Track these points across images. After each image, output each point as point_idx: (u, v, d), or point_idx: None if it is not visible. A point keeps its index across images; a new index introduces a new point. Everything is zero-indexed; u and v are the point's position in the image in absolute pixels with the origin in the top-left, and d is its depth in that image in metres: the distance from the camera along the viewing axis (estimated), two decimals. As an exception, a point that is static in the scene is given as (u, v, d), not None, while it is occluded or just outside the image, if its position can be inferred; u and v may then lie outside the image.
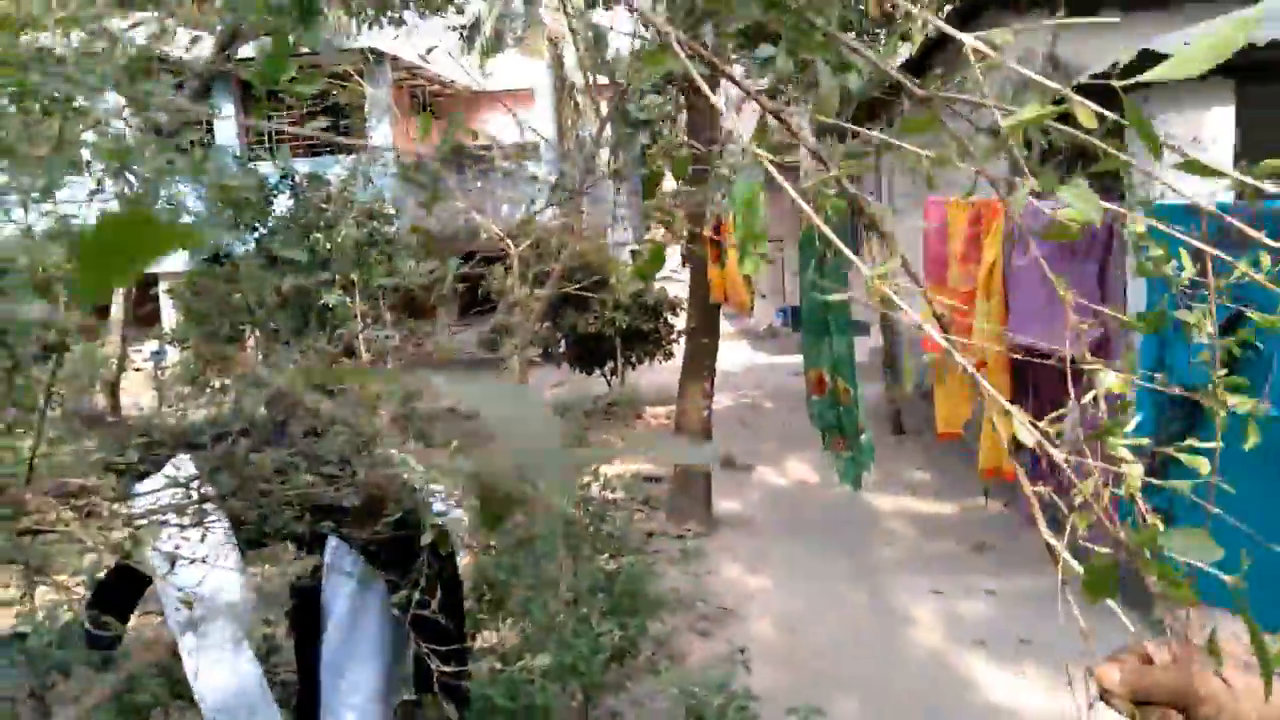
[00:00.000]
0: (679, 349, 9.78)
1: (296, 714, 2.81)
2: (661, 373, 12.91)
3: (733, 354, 16.42)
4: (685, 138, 6.96)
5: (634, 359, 11.39)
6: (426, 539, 1.70)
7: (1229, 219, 0.82)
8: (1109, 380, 0.89)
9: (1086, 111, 0.63)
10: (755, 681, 3.06)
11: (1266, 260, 1.01)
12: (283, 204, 8.67)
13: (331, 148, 13.73)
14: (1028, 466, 2.83)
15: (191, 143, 1.60)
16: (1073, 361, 2.87)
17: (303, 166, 10.01)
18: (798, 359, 16.88)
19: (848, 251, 0.94)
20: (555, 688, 2.95)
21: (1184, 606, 0.74)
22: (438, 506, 1.81)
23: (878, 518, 6.73)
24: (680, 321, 10.86)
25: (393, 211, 9.91)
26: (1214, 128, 3.91)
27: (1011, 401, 2.57)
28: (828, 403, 4.43)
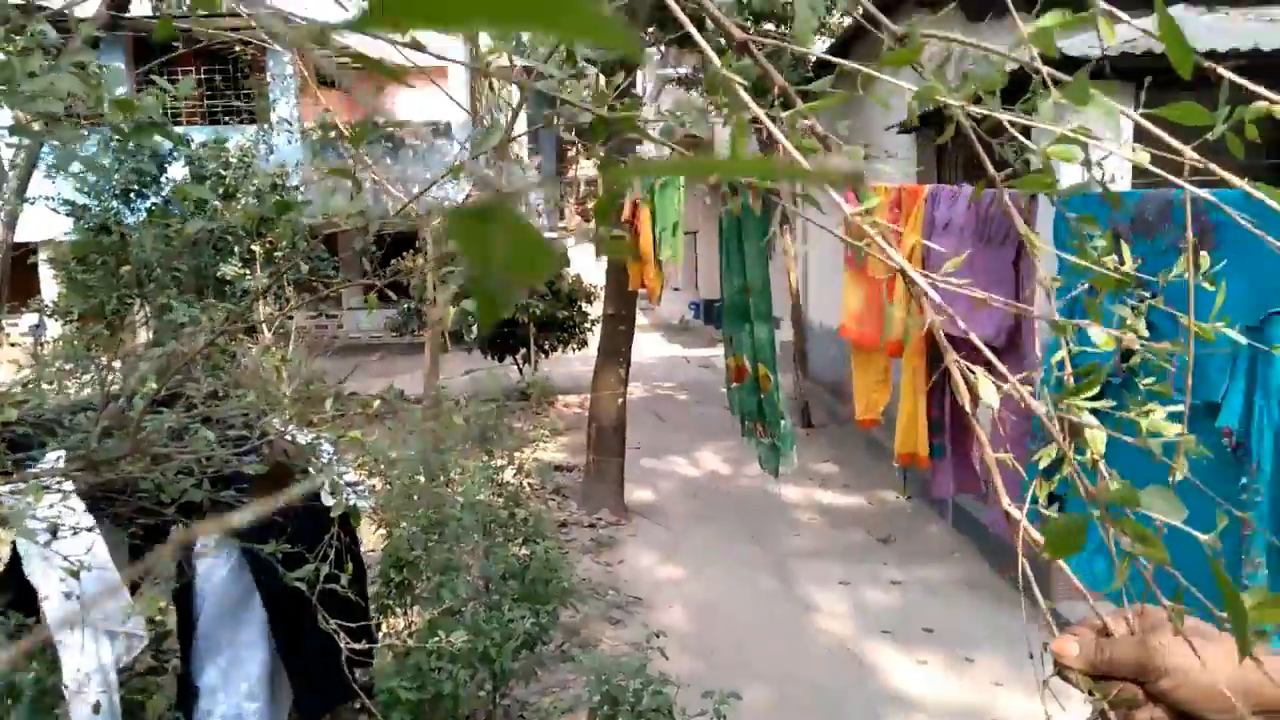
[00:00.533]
0: (594, 338, 9.71)
1: (178, 699, 2.65)
2: (573, 362, 12.82)
3: (646, 346, 16.46)
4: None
5: (547, 347, 11.25)
6: (337, 511, 1.59)
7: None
8: (985, 392, 0.88)
9: (1107, 22, 0.59)
10: (667, 669, 3.02)
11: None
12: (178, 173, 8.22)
13: (231, 116, 13.12)
14: (940, 451, 2.83)
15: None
16: (989, 346, 2.88)
17: (200, 135, 9.52)
18: (710, 351, 17.06)
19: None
20: (465, 674, 2.84)
21: (1154, 560, 0.72)
22: (350, 476, 1.69)
23: (788, 508, 6.81)
24: (596, 310, 10.78)
25: (298, 186, 9.53)
26: (1110, 131, 4.05)
27: (928, 386, 2.58)
28: (748, 389, 4.43)
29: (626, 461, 6.82)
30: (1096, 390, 0.92)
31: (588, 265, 21.59)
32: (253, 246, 5.45)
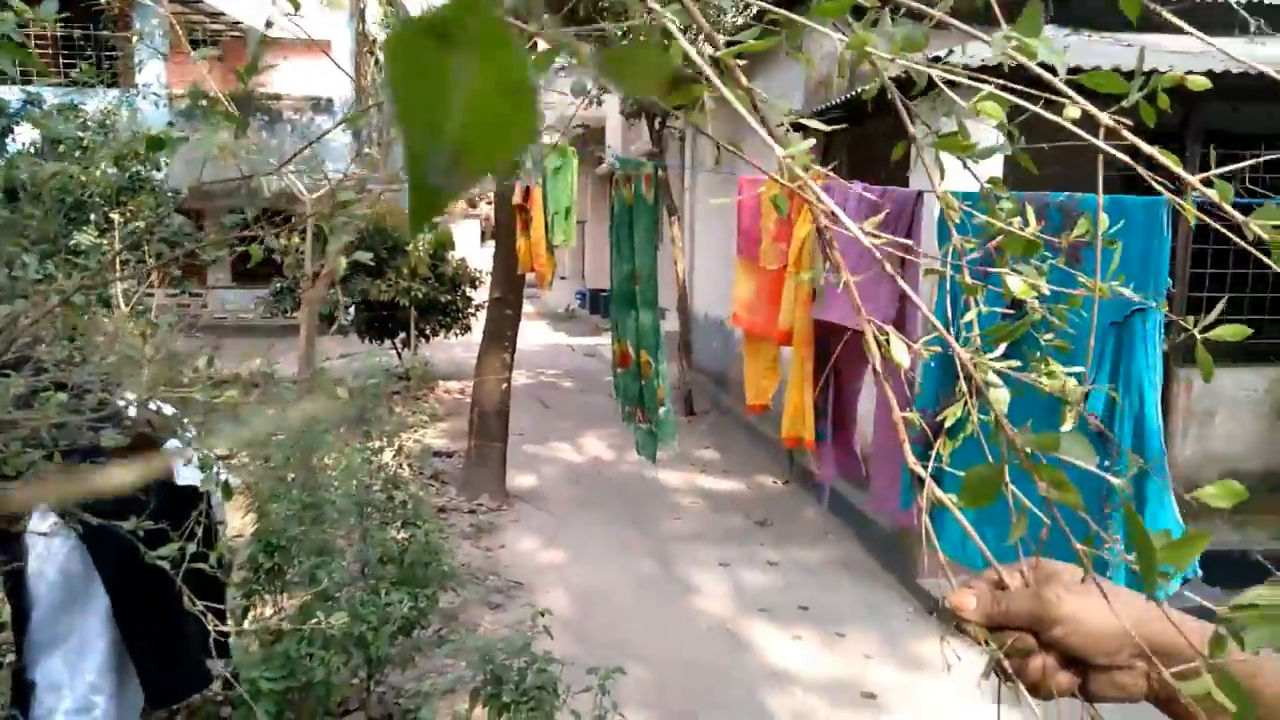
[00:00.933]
0: (477, 323, 9.55)
1: (12, 697, 2.44)
2: (455, 348, 12.58)
3: (532, 334, 16.33)
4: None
5: (428, 331, 11.00)
6: (207, 484, 1.49)
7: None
8: (896, 351, 0.91)
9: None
10: (550, 649, 3.00)
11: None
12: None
13: (92, 77, 12.22)
14: (823, 436, 2.91)
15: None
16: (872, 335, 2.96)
17: (54, 98, 8.82)
18: (596, 340, 17.07)
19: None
20: (338, 660, 2.75)
21: (1070, 504, 0.75)
22: (219, 452, 1.59)
23: (668, 492, 6.90)
24: (480, 295, 10.60)
25: (164, 159, 8.96)
26: (988, 135, 4.28)
27: (814, 373, 2.66)
28: (631, 375, 4.46)
29: (509, 448, 6.75)
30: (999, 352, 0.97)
31: (472, 250, 21.18)
32: (111, 214, 5.08)
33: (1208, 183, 0.67)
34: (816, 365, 2.99)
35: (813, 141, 0.84)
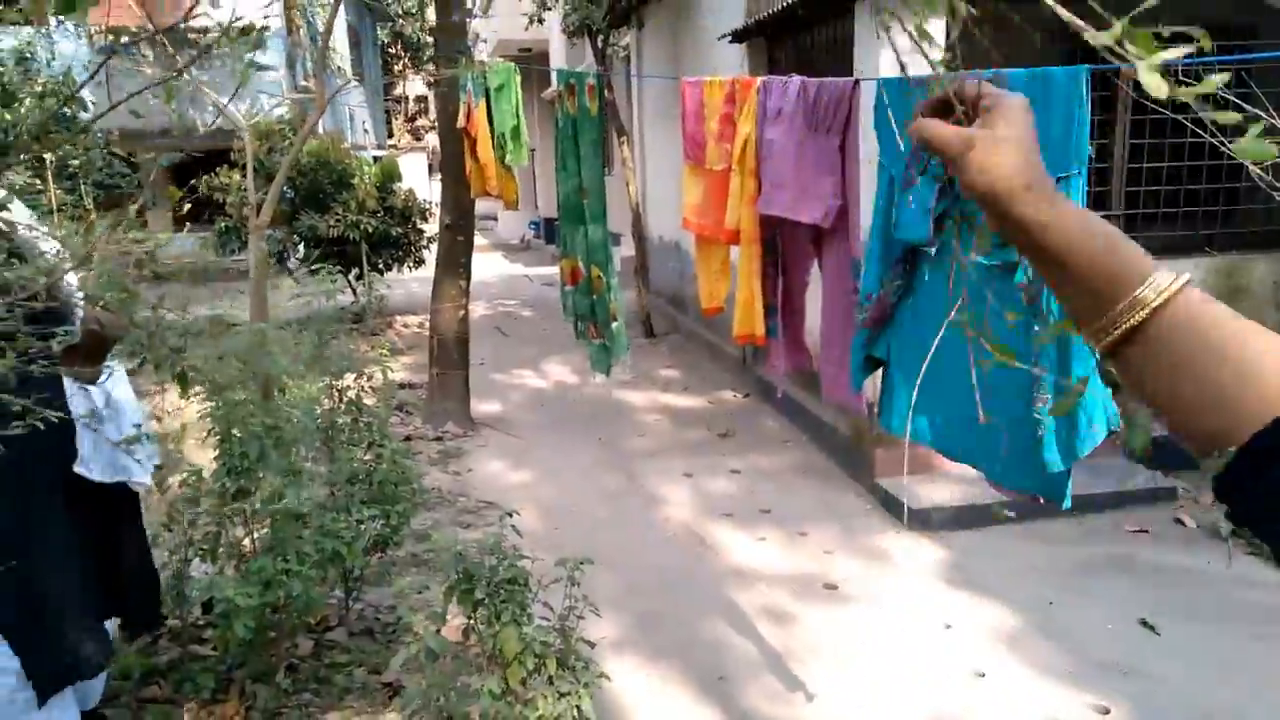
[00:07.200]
0: (430, 255, 9.45)
1: None
2: (410, 283, 12.46)
3: (487, 265, 16.19)
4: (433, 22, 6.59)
5: (382, 266, 10.86)
6: (163, 377, 1.50)
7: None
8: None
9: None
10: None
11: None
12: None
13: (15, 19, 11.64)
14: (774, 331, 3.00)
15: None
16: (815, 228, 3.06)
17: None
18: (552, 269, 16.97)
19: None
20: (316, 574, 2.81)
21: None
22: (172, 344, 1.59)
23: (632, 412, 7.00)
24: (431, 228, 10.46)
25: (90, 99, 8.62)
26: (935, 30, 4.30)
27: (763, 269, 2.72)
28: (582, 291, 4.48)
29: (472, 376, 6.78)
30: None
31: (420, 181, 20.76)
32: (43, 154, 4.91)
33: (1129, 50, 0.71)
34: (764, 260, 3.05)
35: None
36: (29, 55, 6.66)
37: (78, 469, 2.11)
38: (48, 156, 4.80)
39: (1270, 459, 0.58)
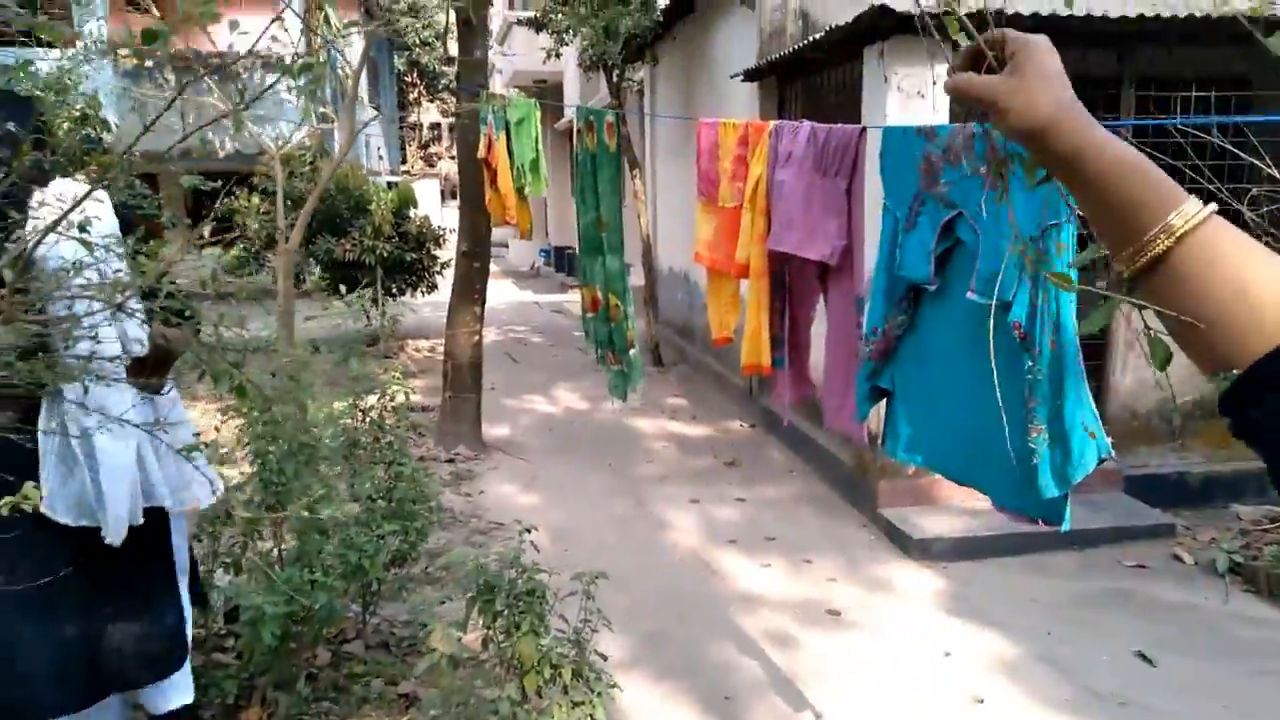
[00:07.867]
0: (444, 281, 9.63)
1: None
2: (423, 308, 12.64)
3: (498, 292, 16.36)
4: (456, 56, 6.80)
5: (395, 291, 11.05)
6: (222, 389, 1.62)
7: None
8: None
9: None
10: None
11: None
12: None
13: (32, 38, 11.93)
14: (780, 363, 3.17)
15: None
16: (825, 264, 3.23)
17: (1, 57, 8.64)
18: (563, 297, 17.09)
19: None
20: (340, 585, 2.92)
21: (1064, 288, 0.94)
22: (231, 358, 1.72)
23: (641, 439, 7.12)
24: (445, 253, 10.66)
25: (115, 122, 8.84)
26: (937, 80, 4.47)
27: (771, 303, 2.90)
28: (601, 319, 4.63)
29: (483, 401, 6.91)
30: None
31: (433, 207, 21.02)
32: (77, 177, 5.09)
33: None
34: (772, 295, 3.19)
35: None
36: (68, 83, 6.86)
37: (42, 509, 1.96)
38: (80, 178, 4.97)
39: (1268, 385, 0.64)
